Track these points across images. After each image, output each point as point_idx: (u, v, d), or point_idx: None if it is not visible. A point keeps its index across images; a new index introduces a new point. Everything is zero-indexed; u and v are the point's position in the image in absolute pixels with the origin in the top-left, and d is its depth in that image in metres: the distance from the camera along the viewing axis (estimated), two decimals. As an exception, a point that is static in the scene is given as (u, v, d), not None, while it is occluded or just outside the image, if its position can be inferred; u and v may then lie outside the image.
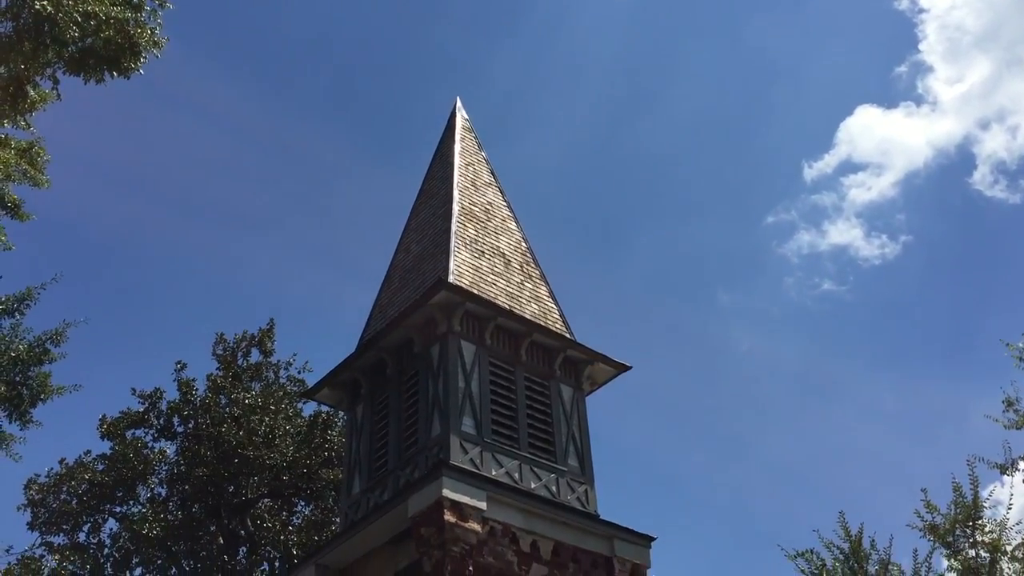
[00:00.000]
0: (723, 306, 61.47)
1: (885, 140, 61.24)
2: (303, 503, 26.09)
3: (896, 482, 52.74)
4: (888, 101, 73.96)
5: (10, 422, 18.19)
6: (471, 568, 12.70)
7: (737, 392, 58.71)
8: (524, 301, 16.59)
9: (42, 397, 18.16)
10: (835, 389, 57.90)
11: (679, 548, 53.86)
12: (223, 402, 25.06)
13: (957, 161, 59.48)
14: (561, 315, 17.01)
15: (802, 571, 19.26)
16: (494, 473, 13.95)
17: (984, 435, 40.26)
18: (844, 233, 62.46)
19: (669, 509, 57.96)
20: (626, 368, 16.80)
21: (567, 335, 16.52)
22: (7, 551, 23.24)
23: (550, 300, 17.21)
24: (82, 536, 24.11)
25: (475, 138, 19.54)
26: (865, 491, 52.38)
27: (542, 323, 16.22)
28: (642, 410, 57.89)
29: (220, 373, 26.09)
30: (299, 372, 27.44)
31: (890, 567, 18.98)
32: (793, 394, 58.92)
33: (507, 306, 15.90)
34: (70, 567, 22.32)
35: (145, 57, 13.08)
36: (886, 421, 56.81)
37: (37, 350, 17.98)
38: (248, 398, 25.14)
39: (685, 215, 61.61)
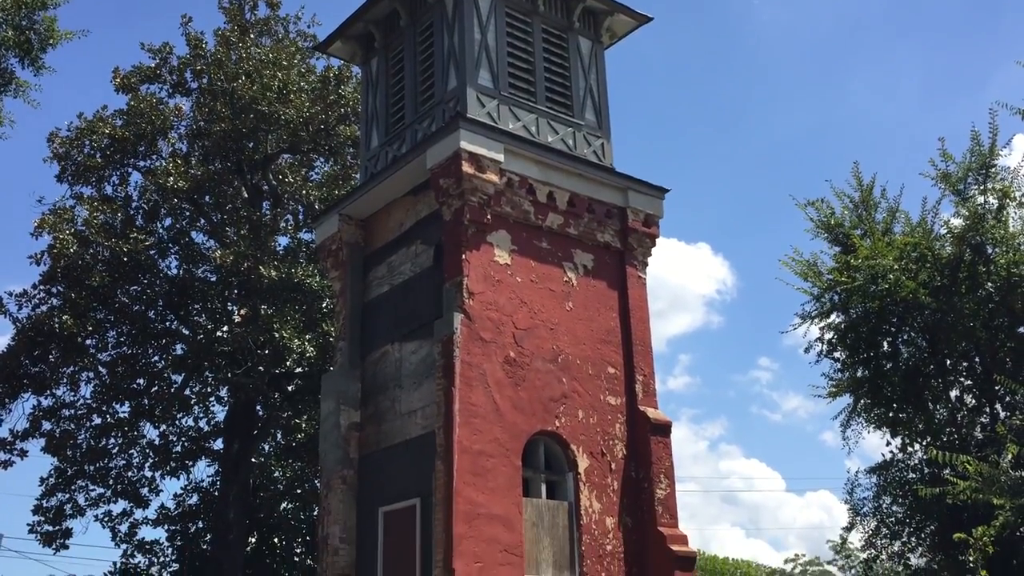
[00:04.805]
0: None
1: None
2: (322, 159, 26.42)
3: (912, 149, 52.82)
4: None
5: (23, 68, 18.13)
6: (489, 217, 13.11)
7: (755, 61, 57.31)
8: (542, -54, 15.71)
9: (51, 42, 17.97)
10: (854, 60, 56.37)
11: (692, 202, 55.23)
12: (234, 58, 24.61)
13: None
14: (581, -38, 16.16)
15: (811, 220, 19.76)
16: (511, 126, 13.99)
17: (1006, 97, 39.62)
18: None
19: (683, 166, 58.73)
20: (647, 19, 16.28)
21: (586, -17, 15.81)
22: (39, 201, 24.03)
23: (569, -55, 16.28)
24: (109, 189, 24.72)
25: None
26: (880, 155, 52.67)
27: (561, -30, 15.49)
28: (660, 72, 56.81)
29: (228, 27, 25.42)
30: (308, 26, 26.83)
31: (898, 214, 19.45)
32: (811, 65, 57.52)
33: (524, -48, 15.11)
34: (101, 217, 23.05)
35: None
36: (906, 92, 55.84)
37: (38, -9, 17.52)
38: (260, 53, 24.66)
39: None
